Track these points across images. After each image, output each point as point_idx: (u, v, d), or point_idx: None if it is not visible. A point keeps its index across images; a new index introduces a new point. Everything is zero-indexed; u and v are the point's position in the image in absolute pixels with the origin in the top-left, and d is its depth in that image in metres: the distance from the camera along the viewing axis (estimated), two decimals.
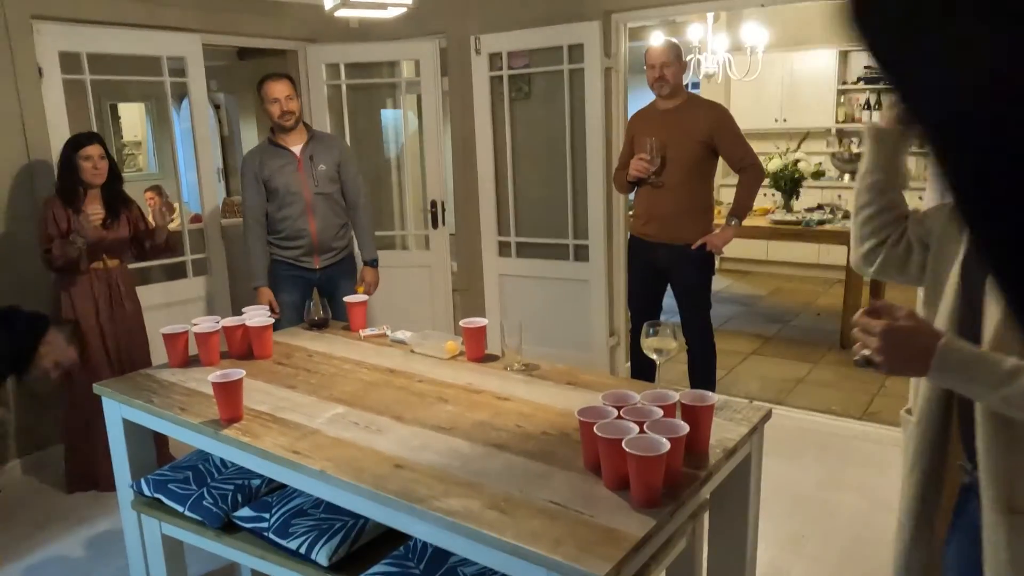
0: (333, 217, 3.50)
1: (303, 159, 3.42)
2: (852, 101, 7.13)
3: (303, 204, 3.42)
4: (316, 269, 3.48)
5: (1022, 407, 1.09)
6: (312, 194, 3.43)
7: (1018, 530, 1.17)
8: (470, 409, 1.94)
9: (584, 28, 3.88)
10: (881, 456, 3.43)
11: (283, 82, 3.36)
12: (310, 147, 3.45)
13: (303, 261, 3.47)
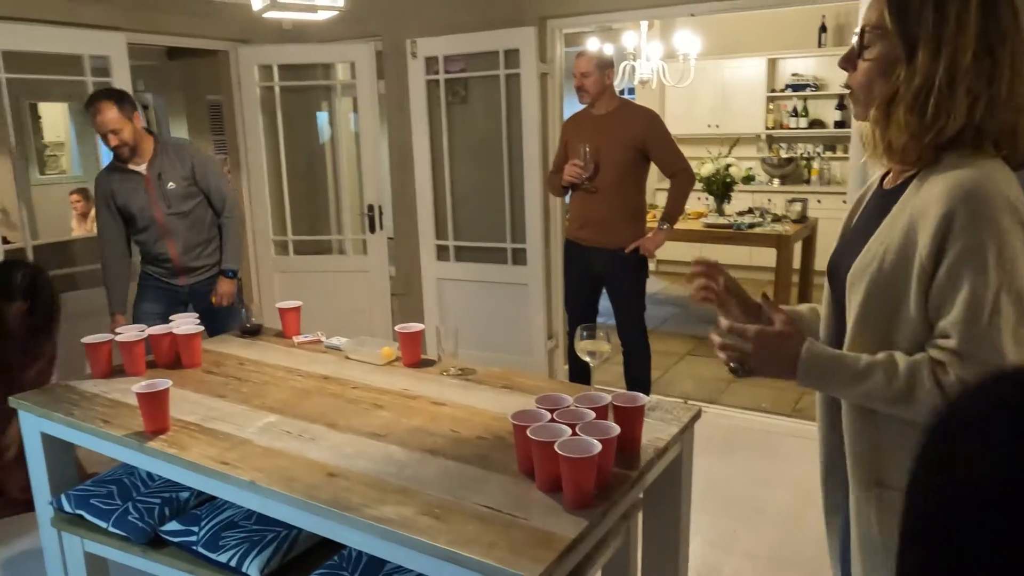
0: (194, 236, 3.31)
1: (151, 178, 3.20)
2: (780, 108, 7.37)
3: (157, 227, 3.25)
4: (183, 286, 3.37)
5: (877, 401, 1.14)
6: (164, 216, 3.23)
7: (886, 504, 1.21)
8: (405, 415, 1.93)
9: (520, 33, 3.91)
10: (809, 451, 3.53)
11: (107, 109, 3.03)
12: (157, 163, 3.21)
13: (168, 279, 3.35)
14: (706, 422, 3.85)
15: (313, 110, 4.95)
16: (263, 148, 4.58)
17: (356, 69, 4.43)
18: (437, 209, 4.41)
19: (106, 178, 3.26)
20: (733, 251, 6.84)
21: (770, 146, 7.51)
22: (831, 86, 7.03)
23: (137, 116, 3.17)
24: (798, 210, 5.56)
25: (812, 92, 7.17)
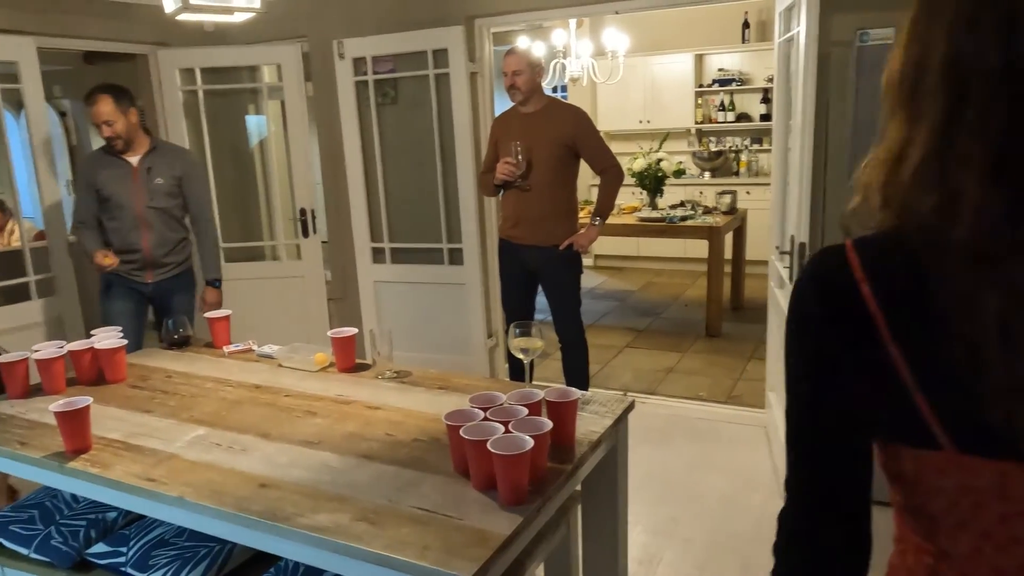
0: (168, 232, 3.35)
1: (139, 170, 3.26)
2: (709, 102, 7.54)
3: (134, 217, 3.26)
4: (148, 283, 3.34)
5: None
6: (144, 207, 3.26)
7: None
8: (339, 421, 1.90)
9: (448, 33, 3.90)
10: (745, 436, 3.66)
11: (102, 102, 3.14)
12: (149, 159, 3.29)
13: (135, 275, 3.32)
14: (645, 412, 3.95)
15: (240, 114, 4.84)
16: None
17: (283, 71, 4.35)
18: (371, 211, 4.37)
19: (91, 159, 3.38)
20: (667, 244, 6.99)
21: (700, 140, 7.68)
22: (756, 80, 7.23)
23: (133, 112, 3.25)
24: (728, 202, 5.70)
25: (738, 87, 7.36)
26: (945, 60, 0.65)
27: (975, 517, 0.70)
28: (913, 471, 0.72)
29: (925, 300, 0.67)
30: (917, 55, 0.68)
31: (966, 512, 0.70)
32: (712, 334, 5.32)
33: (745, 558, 2.68)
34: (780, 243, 3.24)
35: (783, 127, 3.35)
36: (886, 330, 0.69)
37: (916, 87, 0.68)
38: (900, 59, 0.71)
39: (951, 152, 0.65)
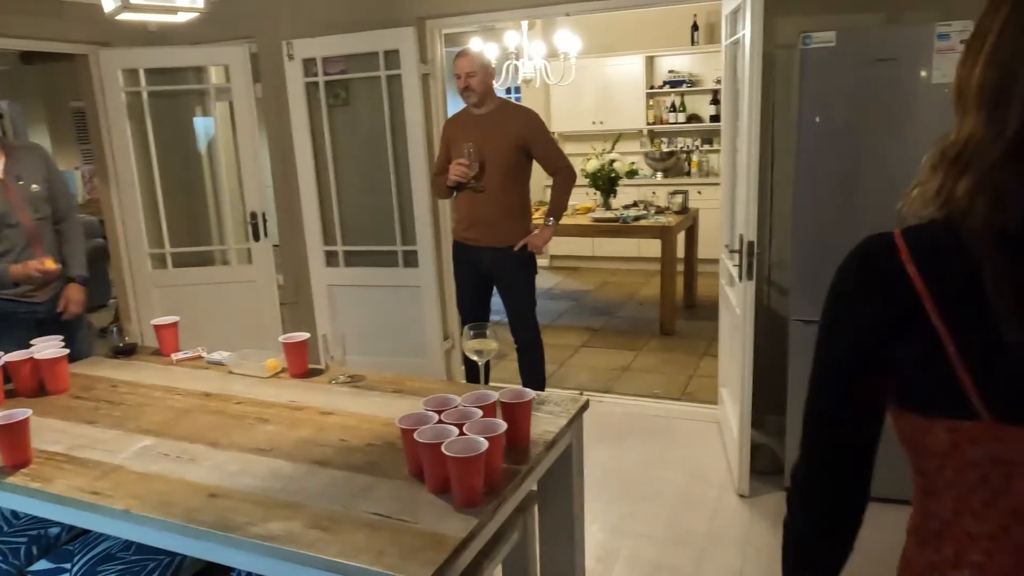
0: (53, 242, 3.04)
1: (9, 181, 2.89)
2: (660, 104, 7.64)
3: (25, 236, 2.91)
4: (42, 302, 2.99)
5: None
6: (33, 221, 2.93)
7: None
8: (292, 427, 1.88)
9: (399, 34, 3.87)
10: (699, 432, 3.72)
11: None
12: (13, 164, 2.92)
13: (28, 296, 2.95)
14: (601, 411, 3.98)
15: (187, 116, 4.73)
16: (133, 157, 4.34)
17: (230, 72, 4.26)
18: (324, 214, 4.31)
19: None
20: (621, 243, 7.07)
21: (652, 141, 7.78)
22: (706, 82, 7.36)
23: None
24: (680, 202, 5.79)
25: (688, 88, 7.48)
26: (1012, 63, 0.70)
27: (1005, 491, 0.74)
28: (948, 442, 0.76)
29: (972, 282, 0.71)
30: (1006, 60, 0.71)
31: (997, 485, 0.74)
32: (666, 332, 5.40)
33: (700, 551, 2.72)
34: (730, 242, 3.30)
35: (731, 128, 3.41)
36: (932, 307, 0.74)
37: (1001, 91, 0.71)
38: (983, 63, 0.73)
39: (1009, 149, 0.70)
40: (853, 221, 2.76)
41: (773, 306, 3.42)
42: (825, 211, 2.85)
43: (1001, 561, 0.76)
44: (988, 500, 0.76)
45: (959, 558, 0.79)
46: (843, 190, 2.81)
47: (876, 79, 2.70)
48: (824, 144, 2.82)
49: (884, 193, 2.61)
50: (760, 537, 2.80)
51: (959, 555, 0.79)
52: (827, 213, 2.84)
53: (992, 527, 0.76)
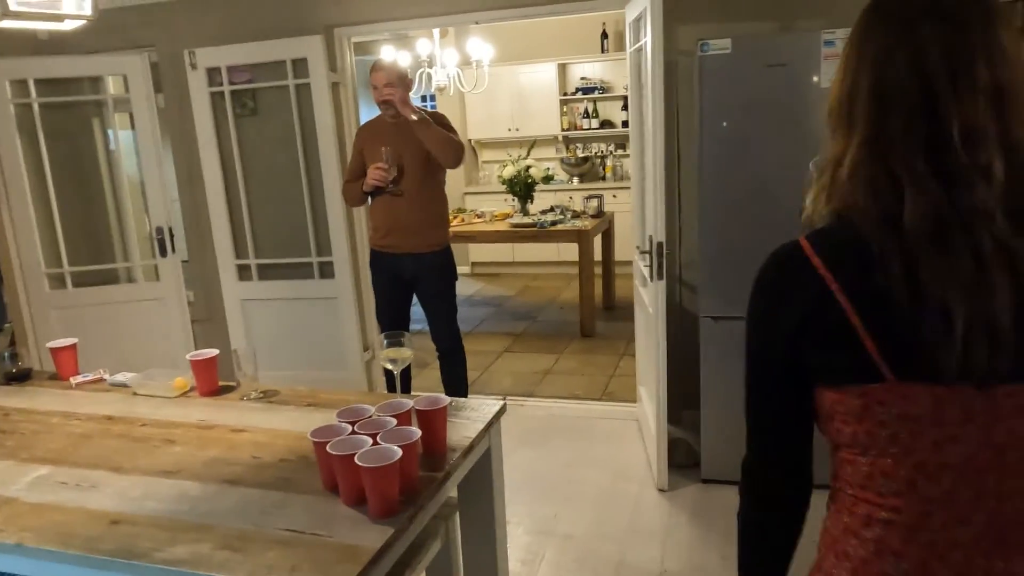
0: None
1: None
2: (573, 110, 7.78)
3: None
4: None
5: None
6: None
7: None
8: (201, 447, 1.82)
9: (306, 42, 3.81)
10: (619, 431, 3.79)
11: None
12: None
13: None
14: (524, 415, 4.01)
15: (84, 128, 4.51)
16: (24, 172, 4.11)
17: (129, 82, 4.10)
18: (234, 227, 4.19)
19: None
20: (540, 248, 7.16)
21: (567, 147, 7.91)
22: (616, 88, 7.54)
23: None
24: (595, 206, 5.90)
25: (600, 95, 7.64)
26: (872, 84, 0.86)
27: (912, 447, 0.83)
28: (860, 406, 0.85)
29: (867, 264, 0.82)
30: (850, 86, 0.88)
31: (905, 442, 0.83)
32: (586, 334, 5.49)
33: (623, 546, 2.78)
34: (641, 243, 3.39)
35: (639, 132, 3.51)
36: (838, 289, 0.84)
37: (851, 110, 0.88)
38: (837, 90, 0.90)
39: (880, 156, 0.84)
40: (756, 220, 2.88)
41: (685, 304, 3.52)
42: (729, 211, 2.96)
43: (908, 515, 0.84)
44: (897, 458, 0.84)
45: (870, 517, 0.87)
46: (745, 190, 2.94)
47: (770, 84, 2.84)
48: (725, 146, 2.93)
49: (782, 192, 2.73)
50: (680, 529, 2.88)
51: (870, 515, 0.87)
52: (731, 213, 2.96)
53: (900, 484, 0.84)
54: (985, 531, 0.83)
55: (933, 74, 0.82)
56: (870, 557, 0.87)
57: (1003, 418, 0.80)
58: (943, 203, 0.80)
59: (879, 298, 0.81)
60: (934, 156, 0.81)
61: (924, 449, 0.82)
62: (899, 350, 0.81)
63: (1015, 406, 0.80)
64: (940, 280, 0.79)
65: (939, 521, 0.83)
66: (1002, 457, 0.81)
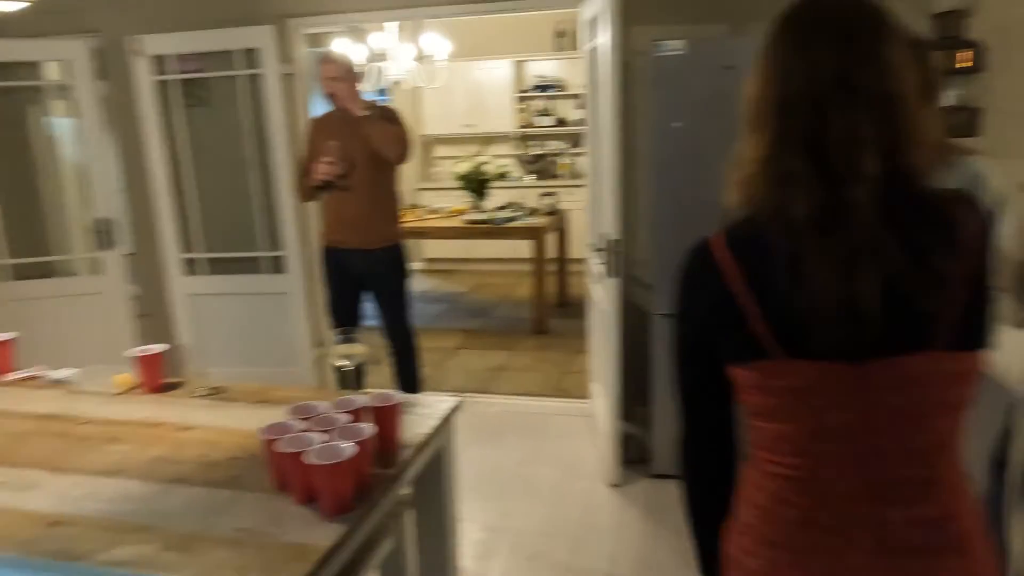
0: None
1: None
2: (529, 107, 7.79)
3: None
4: None
5: None
6: None
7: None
8: (145, 446, 1.77)
9: (258, 32, 3.74)
10: (572, 427, 3.82)
11: None
12: None
13: None
14: (478, 412, 4.01)
15: (21, 115, 4.34)
16: None
17: (73, 68, 3.95)
18: (182, 220, 4.09)
19: None
20: (495, 245, 7.14)
21: (522, 144, 7.91)
22: (572, 87, 7.57)
23: None
24: (550, 203, 5.93)
25: (556, 93, 7.67)
26: (777, 91, 0.96)
27: (801, 414, 0.95)
28: (759, 380, 0.97)
29: (767, 256, 0.94)
30: (759, 92, 0.98)
31: (796, 409, 0.95)
32: (540, 331, 5.51)
33: (575, 542, 2.80)
34: (595, 241, 3.41)
35: (594, 131, 3.53)
36: (740, 279, 0.95)
37: (758, 114, 0.98)
38: (748, 95, 1.00)
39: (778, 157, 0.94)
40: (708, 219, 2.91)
41: (638, 301, 3.56)
42: (682, 209, 3.00)
43: (801, 471, 0.97)
44: (790, 423, 0.97)
45: (773, 474, 1.00)
46: (697, 189, 2.97)
47: (722, 85, 2.87)
48: (678, 146, 2.97)
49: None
50: (631, 524, 2.91)
51: (773, 472, 1.00)
52: (684, 211, 3.00)
53: (794, 446, 0.97)
54: (863, 485, 0.95)
55: (824, 86, 0.93)
56: (772, 505, 1.00)
57: (875, 389, 0.91)
58: (825, 200, 0.90)
59: (769, 285, 0.93)
60: (821, 159, 0.92)
61: (811, 416, 0.95)
62: (786, 331, 0.93)
63: (885, 378, 0.91)
64: (817, 267, 0.90)
65: (825, 476, 0.96)
66: (876, 422, 0.93)
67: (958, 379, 0.93)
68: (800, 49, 0.95)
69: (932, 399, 0.92)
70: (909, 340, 0.90)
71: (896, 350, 0.90)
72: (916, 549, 0.94)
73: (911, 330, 0.90)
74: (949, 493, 0.95)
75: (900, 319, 0.90)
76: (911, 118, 0.94)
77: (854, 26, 0.94)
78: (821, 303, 0.89)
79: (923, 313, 0.90)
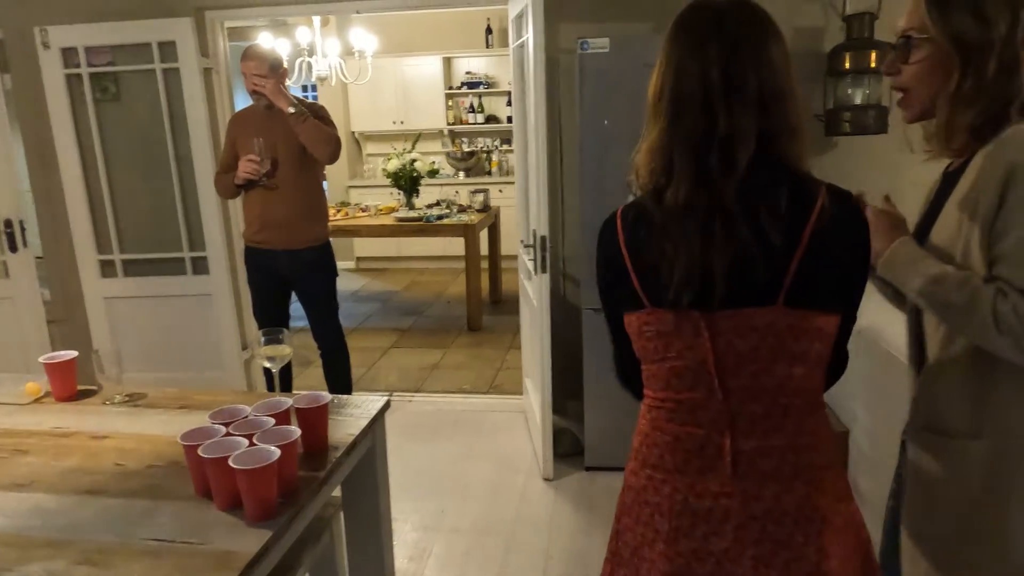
0: None
1: None
2: (459, 104, 7.77)
3: None
4: None
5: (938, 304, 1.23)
6: None
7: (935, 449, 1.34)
8: (57, 457, 1.68)
9: (175, 25, 3.60)
10: (506, 423, 3.83)
11: None
12: None
13: None
14: (412, 410, 3.98)
15: None
16: None
17: None
18: (96, 220, 3.91)
19: None
20: (427, 243, 7.11)
21: (452, 141, 7.89)
22: (502, 84, 7.59)
23: None
24: (481, 200, 5.93)
25: (485, 89, 7.67)
26: (672, 88, 1.09)
27: (665, 354, 1.14)
28: (637, 324, 1.17)
29: (646, 228, 1.12)
30: (659, 84, 1.11)
31: (661, 350, 1.15)
32: (473, 328, 5.51)
33: (509, 537, 2.81)
34: (526, 237, 3.43)
35: (522, 128, 3.54)
36: (623, 242, 1.16)
37: (656, 104, 1.11)
38: (652, 88, 1.13)
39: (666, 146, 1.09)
40: None
41: (568, 297, 3.60)
42: (609, 205, 3.01)
43: (668, 403, 1.17)
44: (659, 363, 1.16)
45: (651, 406, 1.20)
46: (623, 185, 3.02)
47: (646, 82, 2.93)
48: (604, 142, 3.01)
49: None
50: (564, 517, 2.94)
51: (651, 404, 1.20)
52: (610, 207, 3.02)
53: (662, 382, 1.17)
54: (717, 416, 1.11)
55: (712, 85, 1.05)
56: (649, 431, 1.20)
57: (722, 333, 1.08)
58: (695, 188, 1.06)
59: (643, 251, 1.13)
60: (702, 150, 1.06)
61: (673, 357, 1.13)
62: (653, 287, 1.12)
63: (731, 325, 1.08)
64: (679, 239, 1.07)
65: (686, 408, 1.14)
66: (725, 363, 1.09)
67: (802, 334, 1.07)
68: (694, 50, 1.07)
69: (776, 349, 1.07)
70: (753, 296, 1.06)
71: (741, 303, 1.07)
72: (765, 474, 1.10)
73: (754, 289, 1.06)
74: (797, 429, 1.10)
75: (745, 281, 1.06)
76: (791, 111, 1.08)
77: (742, 30, 1.06)
78: (681, 268, 1.07)
79: (766, 273, 1.05)
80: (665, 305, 1.10)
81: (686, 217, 1.07)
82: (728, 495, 1.10)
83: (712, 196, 1.05)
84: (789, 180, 1.07)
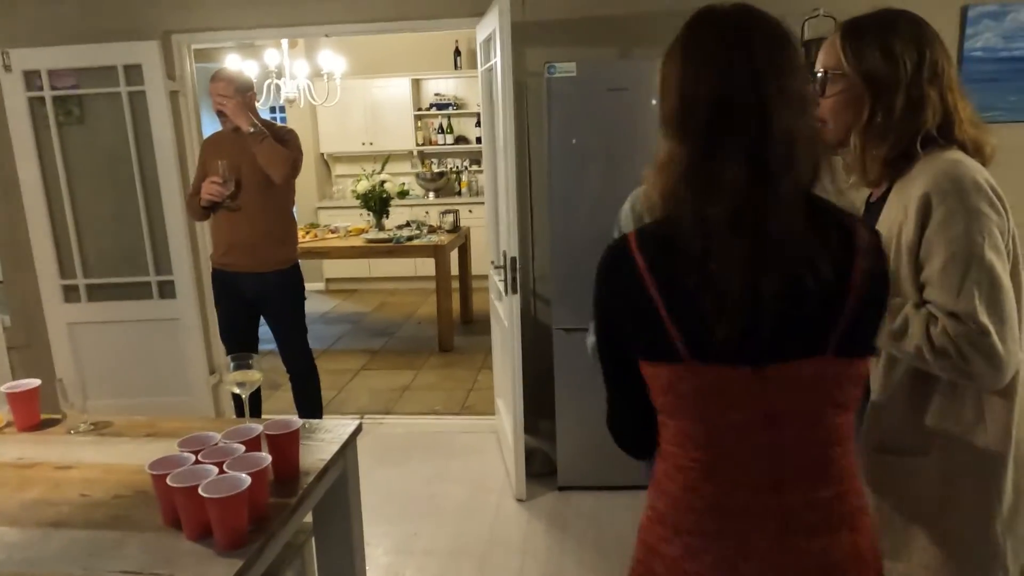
0: None
1: None
2: (428, 125, 7.80)
3: None
4: None
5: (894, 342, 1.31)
6: None
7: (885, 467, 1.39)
8: (19, 489, 1.65)
9: (141, 48, 3.58)
10: (478, 444, 3.83)
11: None
12: None
13: None
14: (383, 433, 3.96)
15: None
16: None
17: None
18: (59, 245, 3.85)
19: None
20: (397, 263, 7.10)
21: (422, 162, 7.91)
22: (470, 105, 7.64)
23: None
24: (451, 221, 5.94)
25: (455, 111, 7.71)
26: (711, 98, 0.96)
27: (704, 413, 1.01)
28: (667, 379, 1.01)
29: (678, 256, 0.96)
30: (689, 98, 0.98)
31: (699, 409, 1.01)
32: (445, 349, 5.50)
33: (482, 558, 2.80)
34: (496, 258, 3.45)
35: (491, 149, 3.58)
36: (652, 284, 0.98)
37: (684, 119, 0.98)
38: (674, 99, 0.99)
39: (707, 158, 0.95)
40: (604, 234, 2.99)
41: (539, 317, 3.62)
42: (578, 226, 3.08)
43: (704, 463, 1.03)
44: (694, 421, 1.02)
45: (680, 465, 1.05)
46: (592, 206, 3.07)
47: (612, 106, 2.99)
48: (573, 164, 3.06)
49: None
50: (537, 537, 2.94)
51: (680, 464, 1.05)
52: (580, 227, 3.08)
53: (697, 441, 1.02)
54: (764, 475, 1.01)
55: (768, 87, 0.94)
56: (682, 494, 1.05)
57: (772, 391, 0.98)
58: (743, 201, 0.94)
59: (678, 285, 0.97)
60: (760, 158, 0.94)
61: (713, 415, 1.00)
62: (692, 332, 0.97)
63: (781, 382, 0.98)
64: (725, 263, 0.93)
65: (726, 468, 1.02)
66: (772, 420, 0.99)
67: (847, 382, 1.00)
68: (737, 49, 0.95)
69: (824, 400, 1.00)
70: (803, 346, 0.97)
71: (790, 355, 0.97)
72: (814, 527, 1.02)
73: (805, 336, 0.97)
74: (840, 477, 1.03)
75: (795, 324, 0.96)
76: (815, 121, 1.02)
77: (777, 33, 0.98)
78: (726, 299, 0.93)
79: (816, 318, 0.96)
80: (707, 357, 0.97)
81: (733, 236, 0.93)
82: (779, 551, 1.02)
83: (756, 212, 0.93)
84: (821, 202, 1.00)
